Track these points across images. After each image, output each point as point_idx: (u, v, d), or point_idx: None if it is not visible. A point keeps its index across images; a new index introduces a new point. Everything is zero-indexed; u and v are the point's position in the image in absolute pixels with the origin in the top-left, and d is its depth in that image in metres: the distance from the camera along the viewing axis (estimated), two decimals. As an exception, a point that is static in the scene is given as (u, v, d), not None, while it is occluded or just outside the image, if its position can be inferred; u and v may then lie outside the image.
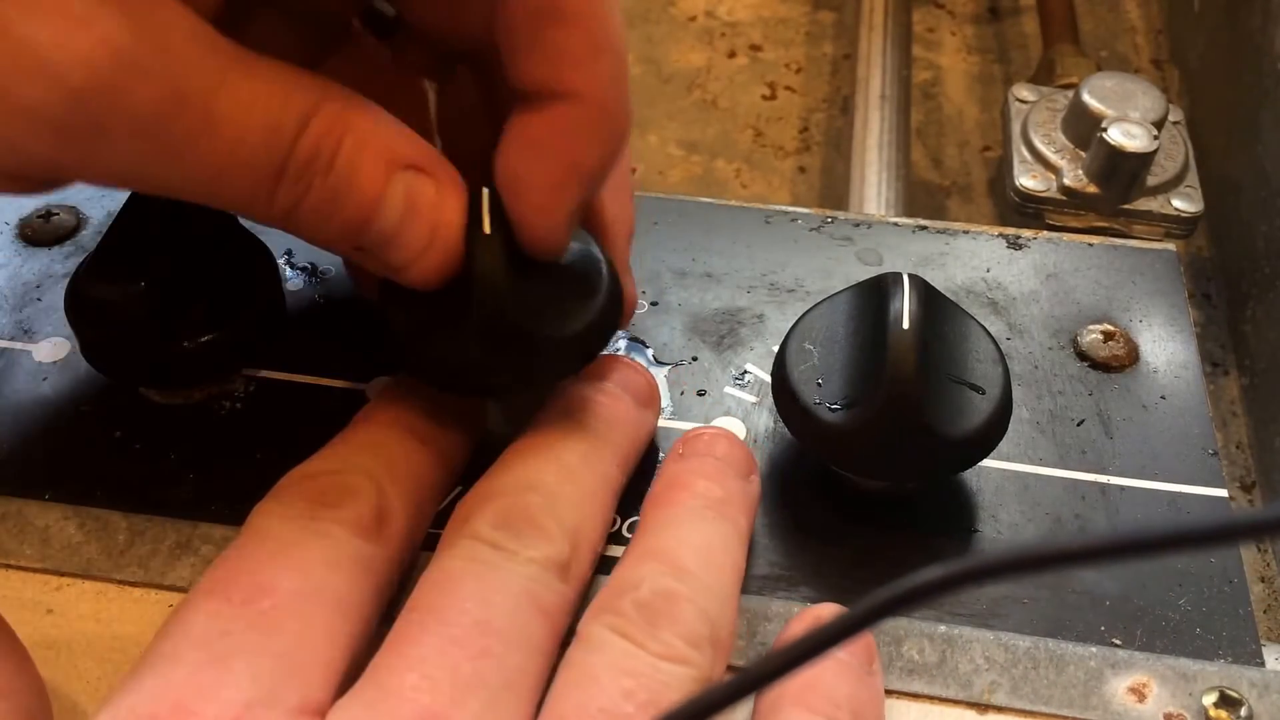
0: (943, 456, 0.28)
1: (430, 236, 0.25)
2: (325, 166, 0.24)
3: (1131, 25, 0.65)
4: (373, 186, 0.24)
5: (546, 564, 0.25)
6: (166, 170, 0.23)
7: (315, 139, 0.24)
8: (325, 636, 0.23)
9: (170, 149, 0.22)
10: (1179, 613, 0.29)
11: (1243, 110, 0.49)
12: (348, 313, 0.33)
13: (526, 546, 0.25)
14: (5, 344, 0.34)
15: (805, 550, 0.30)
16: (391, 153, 0.25)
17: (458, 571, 0.25)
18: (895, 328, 0.27)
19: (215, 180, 0.23)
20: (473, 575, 0.24)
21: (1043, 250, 0.38)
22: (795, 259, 0.37)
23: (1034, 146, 0.47)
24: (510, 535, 0.25)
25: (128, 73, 0.21)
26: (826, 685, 0.24)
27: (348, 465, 0.27)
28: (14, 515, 0.30)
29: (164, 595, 0.28)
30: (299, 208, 0.24)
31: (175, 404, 0.32)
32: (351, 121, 0.24)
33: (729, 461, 0.29)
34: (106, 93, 0.21)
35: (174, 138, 0.22)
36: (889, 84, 0.54)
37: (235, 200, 0.24)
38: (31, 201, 0.38)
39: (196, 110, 0.22)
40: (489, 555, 0.25)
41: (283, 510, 0.26)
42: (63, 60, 0.21)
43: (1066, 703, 0.27)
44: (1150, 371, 0.34)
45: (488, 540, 0.25)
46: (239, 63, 0.23)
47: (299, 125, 0.23)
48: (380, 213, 0.25)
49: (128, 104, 0.22)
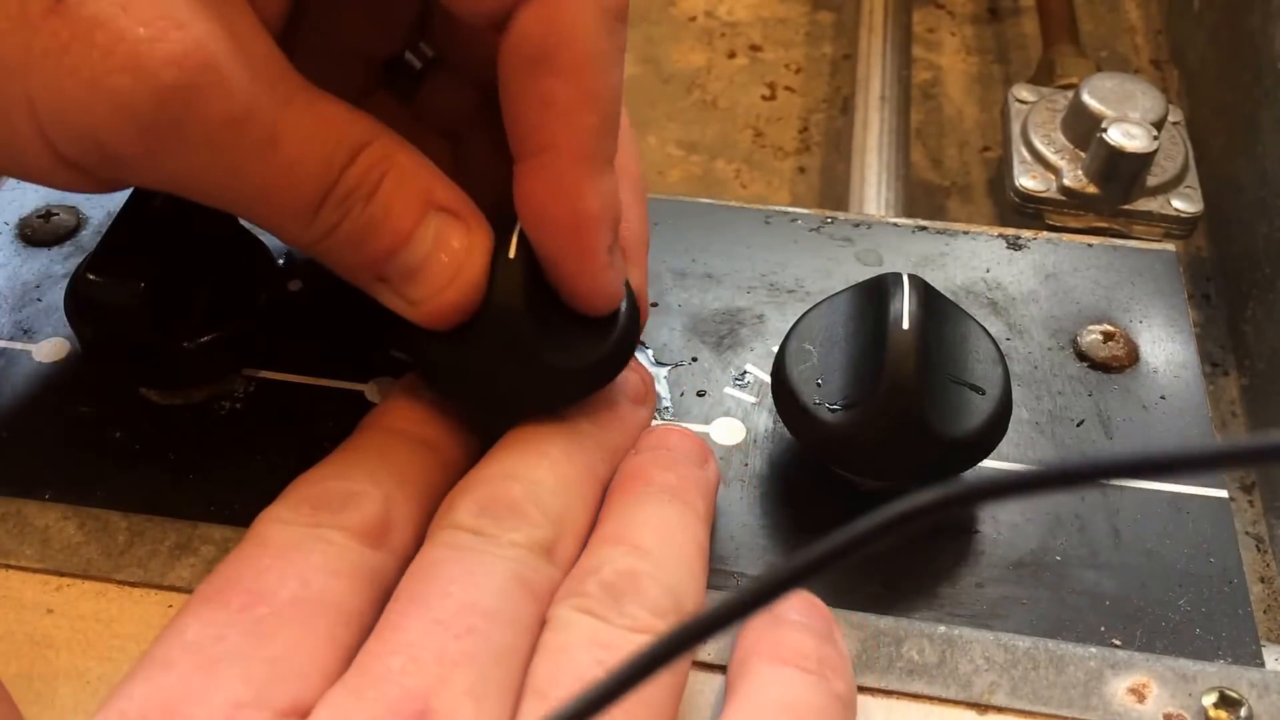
0: (943, 457, 0.28)
1: (452, 276, 0.26)
2: (365, 197, 0.25)
3: (1131, 25, 0.65)
4: (406, 221, 0.26)
5: (531, 547, 0.25)
6: (223, 181, 0.24)
7: (362, 171, 0.25)
8: (323, 643, 0.23)
9: (232, 161, 0.24)
10: (1179, 613, 0.29)
11: (1243, 110, 0.49)
12: (348, 313, 0.33)
13: (508, 530, 0.25)
14: (5, 344, 0.34)
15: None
16: (428, 193, 0.26)
17: (441, 559, 0.24)
18: (895, 328, 0.27)
19: (264, 198, 0.25)
20: (455, 560, 0.24)
21: (1042, 250, 0.38)
22: (795, 259, 0.37)
23: (1034, 147, 0.47)
24: (491, 521, 0.25)
25: (211, 80, 0.23)
26: (793, 641, 0.25)
27: (353, 472, 0.26)
28: (14, 515, 0.30)
29: (164, 595, 0.28)
30: (333, 233, 0.25)
31: (175, 404, 0.32)
32: (396, 159, 0.26)
33: (681, 451, 0.29)
34: (190, 94, 0.22)
35: (238, 150, 0.24)
36: (889, 84, 0.54)
37: (276, 219, 0.25)
38: (32, 201, 0.38)
39: (263, 128, 0.24)
40: (471, 541, 0.25)
41: (285, 516, 0.25)
42: (156, 56, 0.22)
43: (1066, 703, 0.27)
44: (1150, 372, 0.34)
45: (469, 528, 0.25)
46: (304, 90, 0.25)
47: (350, 156, 0.25)
48: (408, 247, 0.26)
49: (205, 109, 0.23)
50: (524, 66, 0.25)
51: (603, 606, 0.24)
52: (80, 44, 0.22)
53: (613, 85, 0.26)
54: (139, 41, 0.22)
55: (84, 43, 0.22)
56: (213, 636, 0.23)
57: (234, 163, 0.24)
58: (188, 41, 0.22)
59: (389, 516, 0.25)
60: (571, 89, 0.25)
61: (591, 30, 0.25)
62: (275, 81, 0.24)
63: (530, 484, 0.26)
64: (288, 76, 0.24)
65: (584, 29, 0.25)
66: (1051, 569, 0.29)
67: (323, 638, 0.23)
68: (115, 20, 0.22)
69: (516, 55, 0.25)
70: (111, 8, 0.22)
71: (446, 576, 0.24)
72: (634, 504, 0.27)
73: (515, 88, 0.26)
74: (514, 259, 0.26)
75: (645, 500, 0.27)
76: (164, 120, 0.23)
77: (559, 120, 0.25)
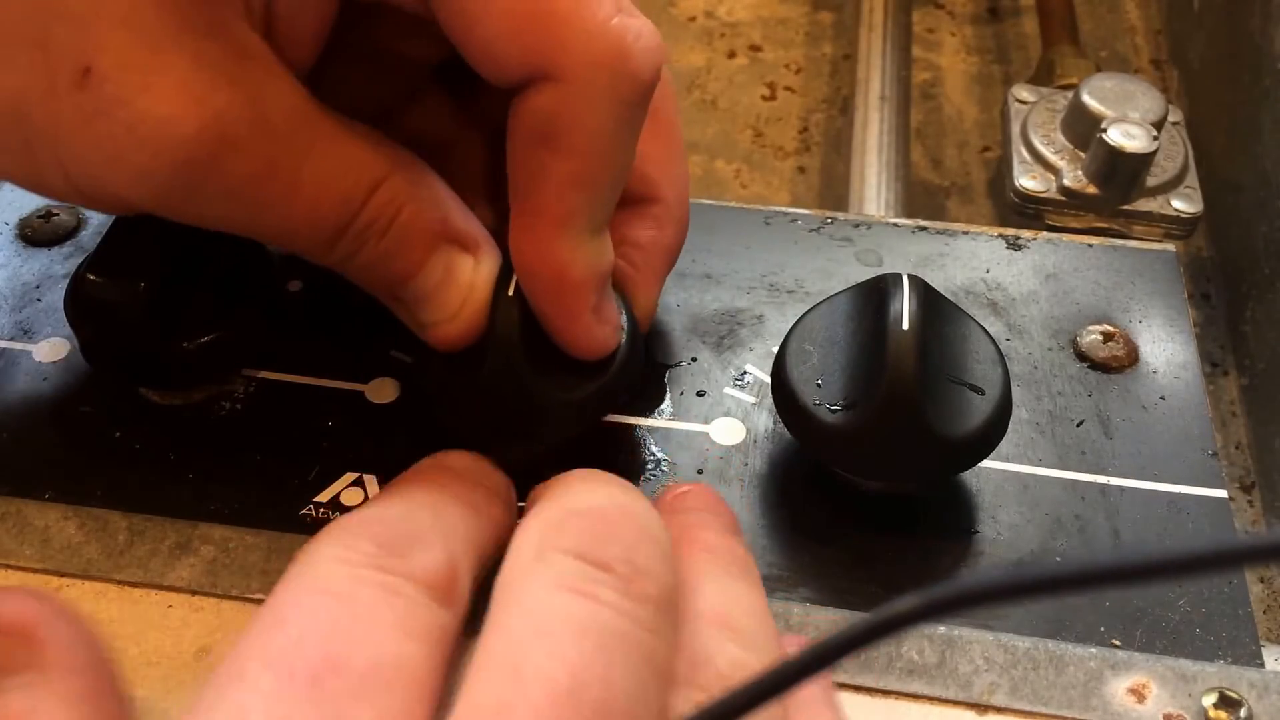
0: (942, 457, 0.28)
1: (458, 307, 0.27)
2: (380, 232, 0.26)
3: (1131, 25, 0.65)
4: (418, 253, 0.27)
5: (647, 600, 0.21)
6: (247, 222, 0.26)
7: (378, 207, 0.26)
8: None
9: (253, 209, 0.25)
10: (1178, 613, 0.29)
11: (1243, 110, 0.49)
12: (348, 313, 0.33)
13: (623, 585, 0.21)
14: (5, 344, 0.34)
15: (804, 551, 0.30)
16: (441, 226, 0.27)
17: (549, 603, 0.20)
18: (895, 329, 0.27)
19: (285, 233, 0.26)
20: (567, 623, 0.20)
21: (1042, 251, 0.38)
22: (795, 260, 0.37)
23: (1034, 147, 0.47)
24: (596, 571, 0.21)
25: (229, 149, 0.24)
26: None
27: (410, 518, 0.23)
28: (14, 515, 0.30)
29: (164, 595, 0.28)
30: (351, 260, 0.27)
31: (175, 404, 0.32)
32: (412, 194, 0.27)
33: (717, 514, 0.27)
34: (207, 165, 0.24)
35: (259, 200, 0.25)
36: (888, 84, 0.54)
37: (297, 247, 0.27)
38: (32, 202, 0.38)
39: (284, 178, 0.25)
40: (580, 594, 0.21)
41: (344, 555, 0.21)
42: (173, 135, 0.23)
43: (1066, 703, 0.27)
44: (1150, 372, 0.34)
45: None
46: (325, 135, 0.26)
47: (368, 193, 0.26)
48: (419, 277, 0.27)
49: (224, 174, 0.24)
50: (529, 135, 0.26)
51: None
52: (103, 120, 0.23)
53: (614, 169, 0.26)
54: (159, 122, 0.23)
55: (107, 119, 0.23)
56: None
57: (255, 210, 0.25)
58: (205, 117, 0.23)
59: (455, 568, 0.22)
60: (569, 170, 0.26)
61: (601, 121, 0.25)
62: (296, 132, 0.25)
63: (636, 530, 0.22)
64: (309, 125, 0.25)
65: (594, 120, 0.25)
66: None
67: (403, 716, 0.19)
68: (136, 100, 0.23)
69: (524, 123, 0.26)
70: (133, 88, 0.23)
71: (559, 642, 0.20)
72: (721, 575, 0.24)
73: (518, 148, 0.26)
74: (513, 296, 0.27)
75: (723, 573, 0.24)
76: (182, 186, 0.24)
77: (552, 192, 0.26)
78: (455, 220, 0.27)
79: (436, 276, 0.27)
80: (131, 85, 0.23)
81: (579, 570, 0.20)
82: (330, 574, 0.21)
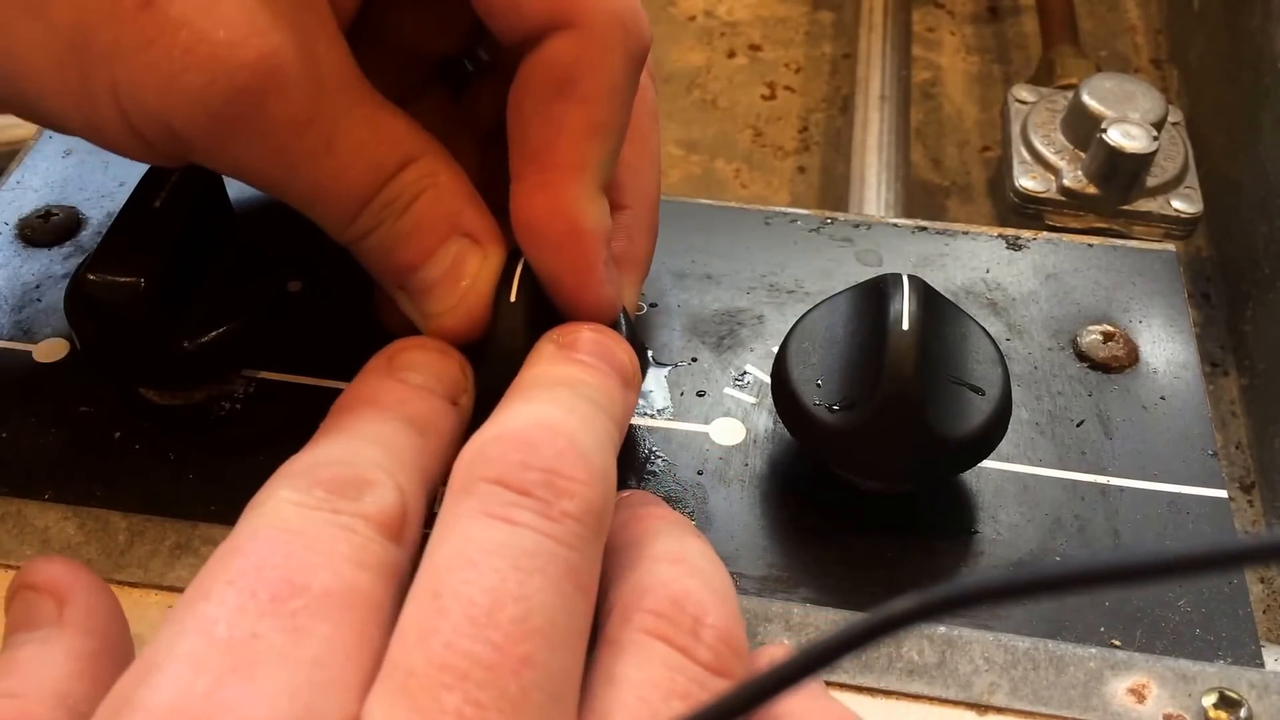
0: (942, 457, 0.28)
1: (458, 301, 0.27)
2: (400, 210, 0.27)
3: (1131, 25, 0.65)
4: (430, 240, 0.27)
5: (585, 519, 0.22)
6: (279, 174, 0.26)
7: (404, 183, 0.27)
8: (358, 641, 0.21)
9: (289, 158, 0.25)
10: (1178, 614, 0.29)
11: (1243, 110, 0.49)
12: (348, 313, 0.33)
13: (560, 500, 0.22)
14: (5, 344, 0.34)
15: (804, 551, 0.30)
16: (456, 216, 0.27)
17: (476, 534, 0.22)
18: (895, 329, 0.27)
19: (313, 195, 0.26)
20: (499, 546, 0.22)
21: (1042, 251, 0.38)
22: (795, 260, 0.37)
23: (1034, 147, 0.47)
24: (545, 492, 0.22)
25: (279, 85, 0.24)
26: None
27: (358, 457, 0.24)
28: (14, 515, 0.30)
29: (164, 596, 0.28)
30: (368, 238, 0.27)
31: (175, 404, 0.32)
32: (437, 178, 0.27)
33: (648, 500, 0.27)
34: (258, 96, 0.24)
35: (296, 150, 0.25)
36: (889, 84, 0.54)
37: (321, 214, 0.27)
38: (31, 202, 0.38)
39: (322, 133, 0.25)
40: (519, 514, 0.22)
41: (299, 499, 0.22)
42: (232, 60, 0.24)
43: (1066, 704, 0.27)
44: (1150, 372, 0.34)
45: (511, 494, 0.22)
46: (366, 100, 0.26)
47: (396, 168, 0.26)
48: (427, 265, 0.27)
49: (271, 111, 0.25)
50: (544, 88, 0.27)
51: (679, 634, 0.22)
52: (165, 40, 0.24)
53: (622, 123, 0.27)
54: (218, 44, 0.24)
55: (168, 40, 0.24)
56: (246, 633, 0.20)
57: (291, 160, 0.25)
58: (263, 48, 0.24)
59: (405, 507, 0.23)
60: (585, 117, 0.27)
61: (616, 68, 0.27)
62: (340, 91, 0.26)
63: (572, 441, 0.23)
64: (353, 86, 0.26)
65: (610, 66, 0.26)
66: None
67: (359, 636, 0.21)
68: (198, 21, 0.24)
69: (539, 76, 0.27)
70: (197, 10, 0.24)
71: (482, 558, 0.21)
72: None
73: (530, 106, 0.27)
74: (514, 302, 0.27)
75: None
76: (231, 116, 0.24)
77: (568, 143, 0.27)
78: (470, 213, 0.28)
79: (443, 266, 0.27)
80: (195, 6, 0.24)
81: (498, 496, 0.22)
82: (286, 513, 0.22)
